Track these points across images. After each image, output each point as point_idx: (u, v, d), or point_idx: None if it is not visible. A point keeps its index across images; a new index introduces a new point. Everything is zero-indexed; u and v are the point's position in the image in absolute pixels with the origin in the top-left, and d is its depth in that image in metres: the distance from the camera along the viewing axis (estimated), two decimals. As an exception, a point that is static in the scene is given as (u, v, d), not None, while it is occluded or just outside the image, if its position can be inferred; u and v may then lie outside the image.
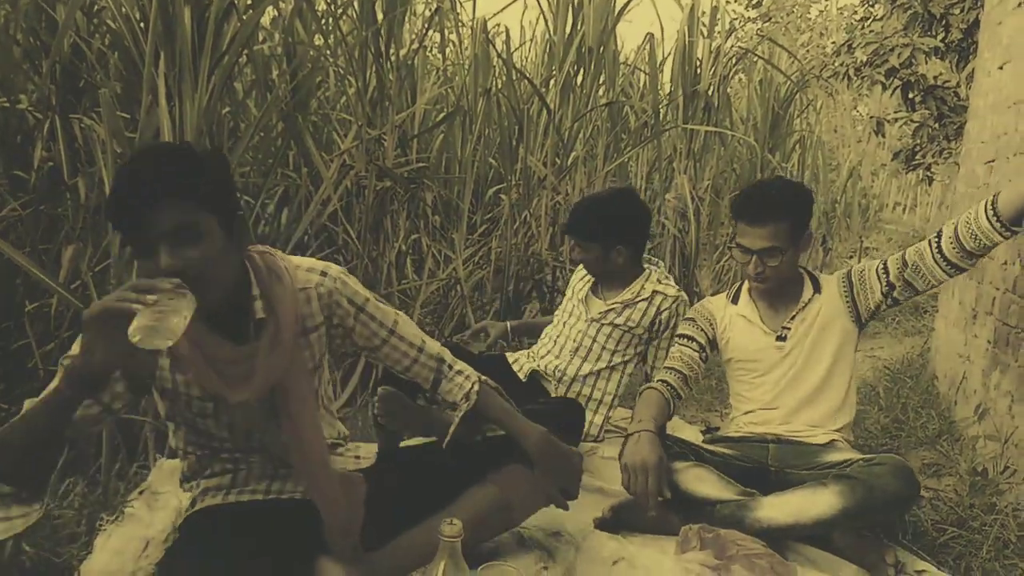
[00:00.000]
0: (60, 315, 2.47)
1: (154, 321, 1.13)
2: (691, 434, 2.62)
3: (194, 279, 1.21)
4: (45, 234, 2.63)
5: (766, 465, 2.02)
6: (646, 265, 2.56)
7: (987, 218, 1.84)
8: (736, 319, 2.20)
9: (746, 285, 2.21)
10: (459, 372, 1.66)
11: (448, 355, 1.67)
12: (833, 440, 2.05)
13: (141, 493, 1.75)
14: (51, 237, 2.62)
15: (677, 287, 2.55)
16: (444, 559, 1.26)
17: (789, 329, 2.11)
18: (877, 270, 2.05)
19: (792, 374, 2.11)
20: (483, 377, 1.68)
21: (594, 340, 2.52)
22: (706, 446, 2.08)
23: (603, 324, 2.51)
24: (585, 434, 2.43)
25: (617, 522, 1.93)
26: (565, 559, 1.75)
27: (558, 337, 2.60)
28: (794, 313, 2.11)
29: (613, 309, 2.50)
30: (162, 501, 1.72)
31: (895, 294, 2.03)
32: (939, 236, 1.94)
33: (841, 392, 2.10)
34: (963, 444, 2.72)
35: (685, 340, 2.21)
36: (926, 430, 2.88)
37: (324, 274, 1.52)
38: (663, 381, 2.12)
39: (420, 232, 3.98)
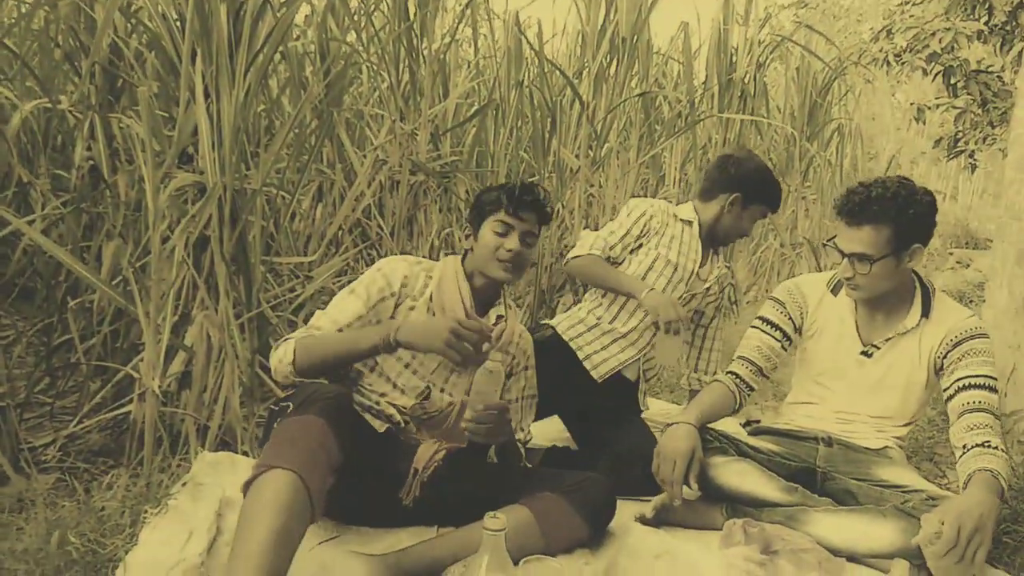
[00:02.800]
0: (102, 310, 2.50)
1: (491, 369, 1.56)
2: (730, 426, 2.57)
3: (520, 264, 1.79)
4: (86, 231, 2.67)
5: (813, 466, 1.95)
6: None
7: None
8: (830, 313, 2.02)
9: None
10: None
11: None
12: (886, 446, 1.97)
13: (184, 485, 1.77)
14: (92, 235, 2.66)
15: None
16: (487, 553, 1.25)
17: (878, 349, 1.96)
18: (957, 382, 1.84)
19: (864, 391, 1.99)
20: None
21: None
22: (750, 440, 2.01)
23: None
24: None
25: (659, 523, 1.90)
26: (607, 553, 1.73)
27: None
28: (891, 336, 1.95)
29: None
30: (205, 492, 1.73)
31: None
32: (964, 449, 1.76)
33: (910, 412, 2.00)
34: (1014, 438, 2.65)
35: (769, 327, 2.05)
36: (974, 423, 2.80)
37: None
38: (733, 374, 2.03)
39: (453, 226, 3.97)
